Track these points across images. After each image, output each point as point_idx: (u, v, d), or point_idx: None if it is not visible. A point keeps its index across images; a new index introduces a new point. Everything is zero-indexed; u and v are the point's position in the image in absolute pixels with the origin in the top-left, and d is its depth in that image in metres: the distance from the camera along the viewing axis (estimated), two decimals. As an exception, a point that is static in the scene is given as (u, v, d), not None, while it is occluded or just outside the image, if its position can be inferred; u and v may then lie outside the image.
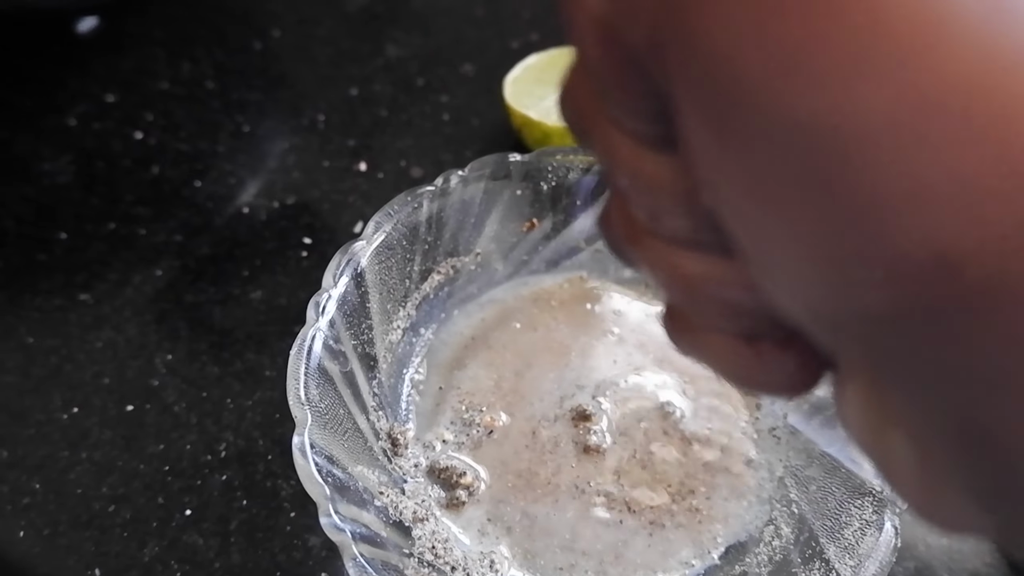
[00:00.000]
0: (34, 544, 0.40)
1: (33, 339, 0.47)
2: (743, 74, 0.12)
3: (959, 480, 0.13)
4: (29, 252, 0.51)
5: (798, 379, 0.17)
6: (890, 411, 0.14)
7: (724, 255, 0.16)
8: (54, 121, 0.58)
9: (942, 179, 0.11)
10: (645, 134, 0.16)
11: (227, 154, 0.56)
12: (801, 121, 0.12)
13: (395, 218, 0.40)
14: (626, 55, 0.14)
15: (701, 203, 0.15)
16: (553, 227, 0.45)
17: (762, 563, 0.36)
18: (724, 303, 0.17)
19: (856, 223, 0.12)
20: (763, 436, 0.41)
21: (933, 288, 0.12)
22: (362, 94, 0.60)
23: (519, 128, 0.52)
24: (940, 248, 0.11)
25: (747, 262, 0.15)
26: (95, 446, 0.43)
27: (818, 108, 0.11)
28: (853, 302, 0.12)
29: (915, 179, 0.11)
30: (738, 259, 0.15)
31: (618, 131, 0.16)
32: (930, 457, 0.14)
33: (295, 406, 0.34)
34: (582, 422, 0.41)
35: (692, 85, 0.13)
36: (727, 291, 0.16)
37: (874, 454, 0.15)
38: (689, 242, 0.17)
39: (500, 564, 0.37)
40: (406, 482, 0.39)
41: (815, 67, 0.11)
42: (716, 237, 0.15)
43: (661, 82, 0.14)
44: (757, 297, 0.15)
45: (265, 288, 0.49)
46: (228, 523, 0.40)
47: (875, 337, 0.13)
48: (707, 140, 0.13)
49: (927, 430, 0.13)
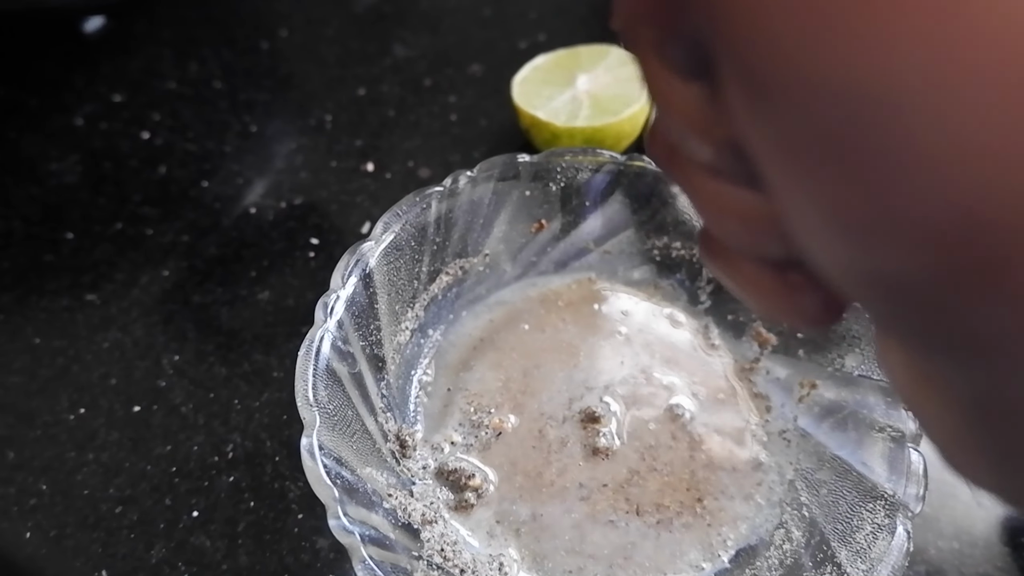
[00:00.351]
0: (41, 545, 0.40)
1: (40, 340, 0.47)
2: (775, 33, 0.12)
3: (981, 443, 0.13)
4: (36, 252, 0.51)
5: (822, 313, 0.17)
6: (920, 367, 0.14)
7: (759, 190, 0.16)
8: (61, 121, 0.58)
9: (976, 139, 0.11)
10: (683, 64, 0.16)
11: (234, 154, 0.56)
12: (834, 81, 0.11)
13: (404, 218, 0.40)
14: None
15: (736, 144, 0.15)
16: (562, 228, 0.45)
17: (773, 567, 0.36)
18: (756, 234, 0.17)
19: (887, 183, 0.12)
20: (773, 439, 0.40)
21: (963, 250, 0.11)
22: (370, 94, 0.60)
23: (527, 129, 0.52)
24: (972, 209, 0.11)
25: (779, 210, 0.14)
26: (102, 447, 0.43)
27: (851, 67, 0.11)
28: (882, 263, 0.12)
29: (948, 139, 0.11)
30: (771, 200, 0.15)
31: (657, 57, 0.16)
32: (955, 417, 0.14)
33: (303, 407, 0.34)
34: (591, 424, 0.40)
35: (726, 41, 0.13)
36: (759, 225, 0.16)
37: (911, 405, 0.15)
38: (724, 172, 0.17)
39: (509, 566, 0.37)
40: (414, 484, 0.38)
41: (848, 25, 0.11)
42: (752, 173, 0.15)
43: (700, 26, 0.14)
44: (787, 237, 0.15)
45: (273, 289, 0.49)
46: (236, 525, 0.40)
47: (902, 298, 0.13)
48: (740, 94, 0.13)
49: (952, 392, 0.13)
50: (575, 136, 0.50)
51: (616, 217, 0.45)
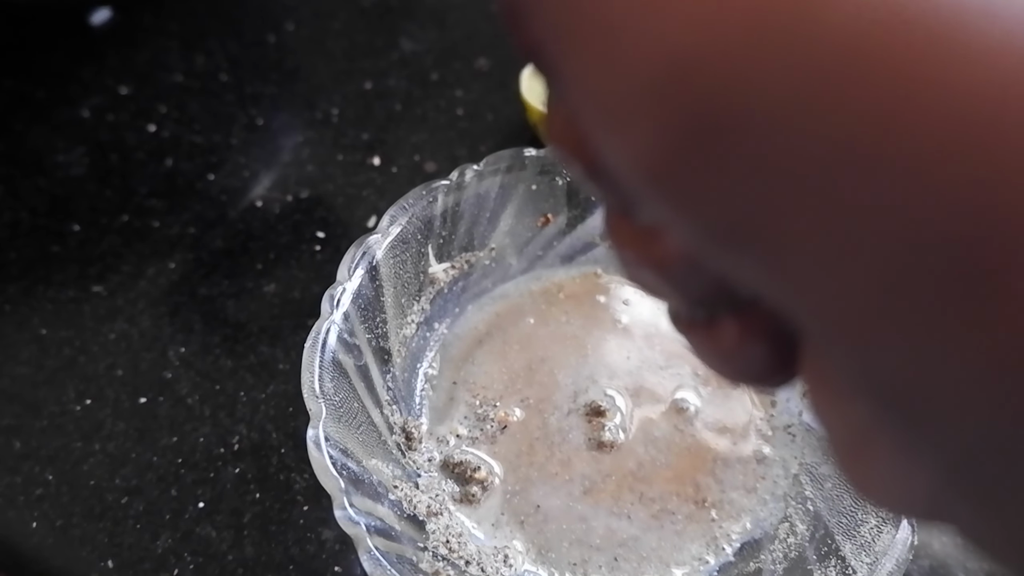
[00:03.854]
0: (47, 535, 0.40)
1: (47, 330, 0.47)
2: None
3: (883, 435, 0.13)
4: (43, 244, 0.51)
5: (765, 364, 0.16)
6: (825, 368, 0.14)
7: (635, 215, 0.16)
8: (68, 113, 0.58)
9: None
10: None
11: (241, 147, 0.56)
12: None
13: (410, 212, 0.40)
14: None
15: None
16: (568, 222, 0.45)
17: (777, 560, 0.36)
18: (656, 269, 0.16)
19: (599, 43, 0.12)
20: (778, 433, 0.41)
21: (677, 106, 0.11)
22: (376, 88, 0.60)
23: (535, 124, 0.52)
24: (671, 53, 0.11)
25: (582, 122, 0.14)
26: (108, 438, 0.43)
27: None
28: (635, 145, 0.12)
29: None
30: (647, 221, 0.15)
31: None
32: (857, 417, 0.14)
33: (309, 399, 0.34)
34: (596, 417, 0.41)
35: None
36: (649, 252, 0.16)
37: (828, 430, 0.15)
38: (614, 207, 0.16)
39: (514, 558, 0.37)
40: (420, 476, 0.39)
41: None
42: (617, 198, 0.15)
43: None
44: (680, 255, 0.15)
45: (279, 281, 0.49)
46: (241, 516, 0.40)
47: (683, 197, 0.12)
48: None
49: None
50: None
51: (622, 211, 0.45)
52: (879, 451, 0.14)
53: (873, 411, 0.13)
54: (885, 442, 0.13)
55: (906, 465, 0.13)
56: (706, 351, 0.17)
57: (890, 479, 0.14)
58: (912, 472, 0.13)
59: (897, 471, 0.14)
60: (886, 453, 0.14)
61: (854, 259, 0.11)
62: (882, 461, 0.14)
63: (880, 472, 0.14)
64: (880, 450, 0.14)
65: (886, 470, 0.14)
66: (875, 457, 0.14)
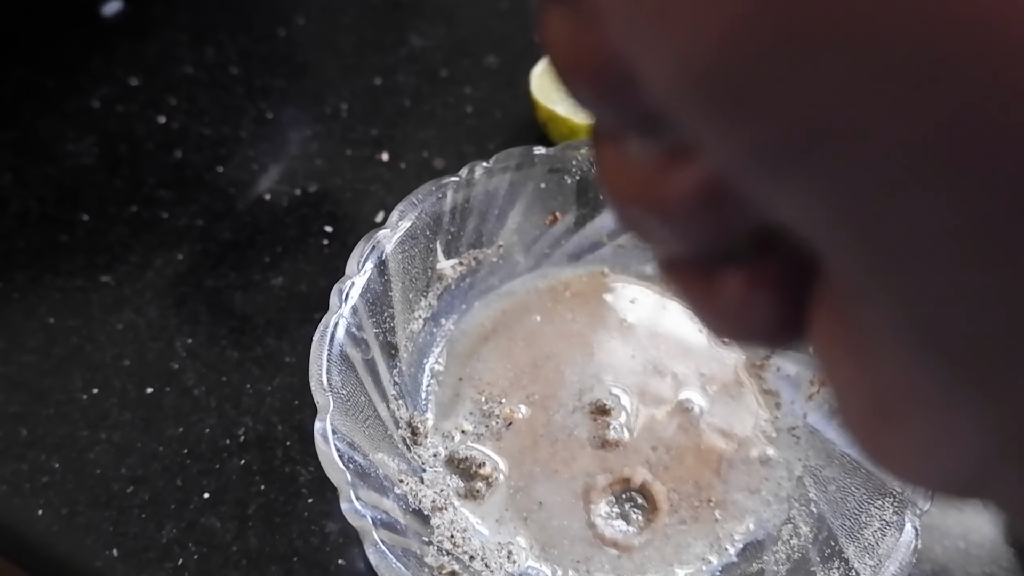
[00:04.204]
0: (52, 523, 0.40)
1: (54, 319, 0.47)
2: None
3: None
4: (51, 233, 0.51)
5: (771, 320, 0.14)
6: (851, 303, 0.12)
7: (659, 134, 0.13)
8: (78, 103, 0.58)
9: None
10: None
11: (250, 140, 0.56)
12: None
13: (419, 207, 0.40)
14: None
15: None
16: (576, 221, 0.45)
17: (780, 561, 0.36)
18: (663, 205, 0.13)
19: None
20: (782, 435, 0.41)
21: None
22: (385, 84, 0.60)
23: (544, 123, 0.52)
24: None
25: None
26: (114, 427, 0.43)
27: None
28: (689, 43, 0.10)
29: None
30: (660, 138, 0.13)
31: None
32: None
33: (317, 391, 0.34)
34: (601, 416, 0.41)
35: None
36: (660, 184, 0.13)
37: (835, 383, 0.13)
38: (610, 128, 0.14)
39: (518, 554, 0.37)
40: (425, 471, 0.39)
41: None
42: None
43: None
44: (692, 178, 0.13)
45: (286, 275, 0.49)
46: (246, 507, 0.40)
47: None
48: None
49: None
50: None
51: (630, 211, 0.45)
52: (916, 415, 0.12)
53: (918, 366, 0.11)
54: (927, 403, 0.12)
55: (951, 430, 0.12)
56: (704, 305, 0.15)
57: (927, 447, 0.12)
58: (958, 438, 0.12)
59: (939, 437, 0.12)
60: (926, 417, 0.12)
61: (945, 180, 0.09)
62: (919, 427, 0.12)
63: (914, 440, 0.12)
64: (918, 413, 0.12)
65: (923, 437, 0.12)
66: (909, 422, 0.12)
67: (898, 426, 0.12)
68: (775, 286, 0.14)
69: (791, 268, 0.13)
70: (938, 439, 0.12)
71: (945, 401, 0.11)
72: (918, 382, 0.12)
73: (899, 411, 0.12)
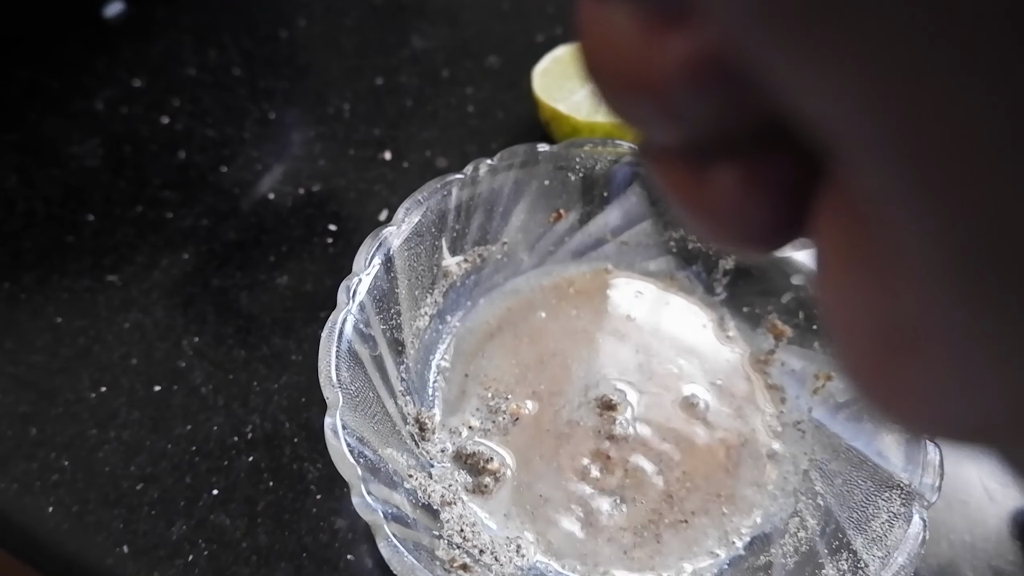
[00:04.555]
0: (63, 521, 0.40)
1: (62, 319, 0.47)
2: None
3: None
4: (58, 233, 0.51)
5: (766, 220, 0.12)
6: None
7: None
8: (82, 104, 0.58)
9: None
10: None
11: (253, 141, 0.56)
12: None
13: (425, 204, 0.41)
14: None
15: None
16: (580, 218, 0.45)
17: (788, 554, 0.36)
18: (661, 78, 0.11)
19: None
20: (788, 430, 0.41)
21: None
22: (388, 84, 0.60)
23: (547, 122, 0.52)
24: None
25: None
26: (123, 426, 0.43)
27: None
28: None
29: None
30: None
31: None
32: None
33: (326, 387, 0.34)
34: (607, 411, 0.41)
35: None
36: (660, 52, 0.11)
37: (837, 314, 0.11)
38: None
39: (526, 549, 0.37)
40: (433, 466, 0.39)
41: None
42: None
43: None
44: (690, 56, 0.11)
45: (291, 274, 0.49)
46: (255, 504, 0.41)
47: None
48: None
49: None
50: (596, 131, 0.50)
51: (634, 208, 0.45)
52: (937, 347, 0.10)
53: (951, 288, 0.09)
54: (954, 335, 0.10)
55: (979, 369, 0.10)
56: (692, 201, 0.13)
57: (946, 387, 0.10)
58: (987, 380, 0.10)
59: (963, 376, 0.10)
60: (950, 351, 0.10)
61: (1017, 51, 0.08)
62: (938, 362, 0.10)
63: (930, 377, 0.10)
64: (940, 346, 0.10)
65: (943, 374, 0.10)
66: (927, 356, 0.10)
67: (912, 359, 0.11)
68: (774, 185, 0.12)
69: (794, 166, 0.12)
70: (962, 378, 0.10)
71: (979, 333, 0.10)
72: (947, 308, 0.10)
73: (916, 342, 0.10)
